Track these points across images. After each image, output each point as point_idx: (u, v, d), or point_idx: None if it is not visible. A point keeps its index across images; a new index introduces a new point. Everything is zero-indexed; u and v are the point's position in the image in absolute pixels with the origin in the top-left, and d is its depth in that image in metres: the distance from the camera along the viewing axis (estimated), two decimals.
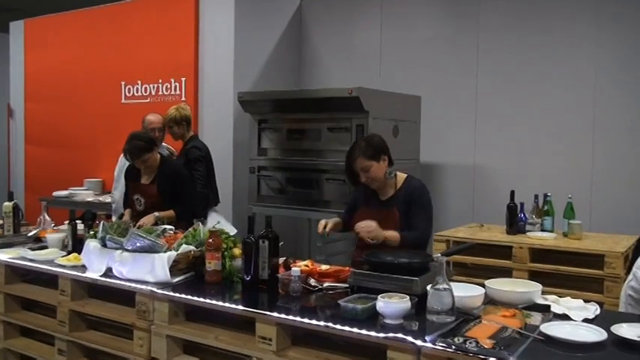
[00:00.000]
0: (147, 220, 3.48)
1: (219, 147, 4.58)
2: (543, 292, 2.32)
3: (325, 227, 2.89)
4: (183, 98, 5.30)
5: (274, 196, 4.75)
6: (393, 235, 2.77)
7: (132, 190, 3.81)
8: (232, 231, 2.61)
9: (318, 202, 4.48)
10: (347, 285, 2.47)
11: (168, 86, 5.41)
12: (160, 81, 5.47)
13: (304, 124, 4.60)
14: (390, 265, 2.46)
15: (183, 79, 5.34)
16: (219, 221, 3.26)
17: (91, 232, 2.95)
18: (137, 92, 5.63)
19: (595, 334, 1.91)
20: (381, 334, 1.95)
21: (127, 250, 2.68)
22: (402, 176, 3.01)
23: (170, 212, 3.61)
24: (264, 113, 4.76)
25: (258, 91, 4.92)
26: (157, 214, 3.54)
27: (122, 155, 4.50)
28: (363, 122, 4.21)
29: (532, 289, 2.28)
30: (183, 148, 4.32)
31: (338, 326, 2.04)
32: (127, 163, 4.41)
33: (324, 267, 2.68)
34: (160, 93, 5.47)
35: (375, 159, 2.87)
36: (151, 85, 5.52)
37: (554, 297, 2.31)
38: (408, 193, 2.90)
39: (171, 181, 3.70)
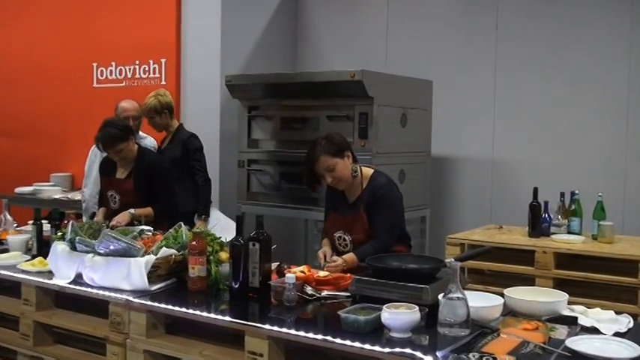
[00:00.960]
0: (121, 218, 3.48)
1: (204, 138, 4.56)
2: (570, 303, 2.32)
3: (325, 258, 2.93)
4: (163, 82, 5.29)
5: (266, 194, 4.75)
6: (349, 258, 2.86)
7: (106, 185, 3.81)
8: (231, 231, 2.63)
9: (316, 200, 4.48)
10: (348, 294, 2.48)
11: (147, 68, 5.40)
12: (137, 62, 5.45)
13: (301, 111, 4.60)
14: (396, 272, 2.46)
15: (163, 60, 5.32)
16: (219, 219, 3.26)
17: (59, 234, 2.94)
18: (111, 75, 5.61)
19: (628, 350, 1.91)
20: (387, 349, 1.95)
21: (100, 254, 2.68)
22: (367, 172, 3.05)
23: (148, 210, 3.61)
24: (255, 99, 4.75)
25: (249, 74, 4.91)
26: (132, 211, 3.54)
27: (94, 146, 4.51)
28: (367, 110, 4.21)
29: (557, 299, 2.29)
30: (173, 139, 4.33)
31: (338, 340, 2.04)
32: (101, 155, 4.40)
33: (322, 273, 2.68)
34: (137, 76, 5.46)
35: (338, 156, 2.93)
36: (127, 68, 5.51)
37: (581, 308, 2.31)
38: (372, 194, 2.96)
39: (148, 176, 3.69)
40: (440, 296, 2.10)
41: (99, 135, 3.60)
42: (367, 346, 1.98)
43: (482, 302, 2.20)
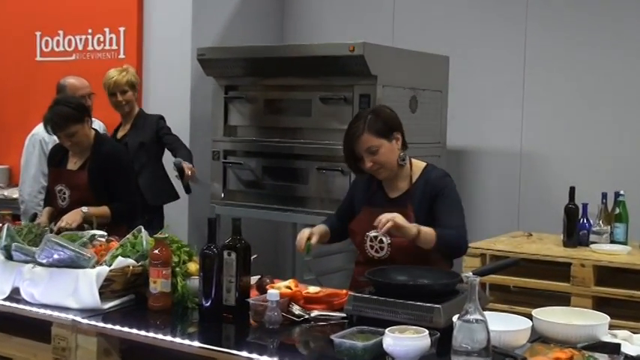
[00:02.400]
0: (71, 218, 3.47)
1: (171, 124, 4.56)
2: (612, 326, 2.32)
3: (309, 240, 2.90)
4: (121, 55, 5.27)
5: (246, 192, 4.74)
6: (427, 230, 2.74)
7: (54, 178, 3.81)
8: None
9: (307, 200, 4.48)
10: (344, 314, 2.47)
11: (101, 39, 5.38)
12: (90, 31, 5.43)
13: (288, 92, 4.59)
14: (402, 288, 2.46)
15: (121, 29, 5.30)
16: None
17: None
18: (58, 46, 5.58)
19: None
20: None
21: (41, 265, 2.67)
22: (419, 165, 3.02)
23: (104, 209, 3.61)
24: (234, 78, 4.74)
25: (226, 47, 4.90)
26: (84, 209, 3.53)
27: (31, 134, 4.50)
28: (370, 91, 4.20)
29: (596, 322, 2.28)
30: (135, 124, 4.41)
31: None
32: (41, 144, 4.39)
33: (312, 289, 2.67)
34: (90, 48, 5.44)
35: (385, 136, 2.88)
36: (77, 37, 5.49)
37: (626, 333, 2.31)
38: (430, 187, 2.91)
39: (105, 167, 3.70)
40: (455, 318, 2.09)
41: (48, 114, 3.61)
42: None
43: (506, 325, 2.20)
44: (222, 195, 4.79)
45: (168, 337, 2.33)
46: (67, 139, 3.64)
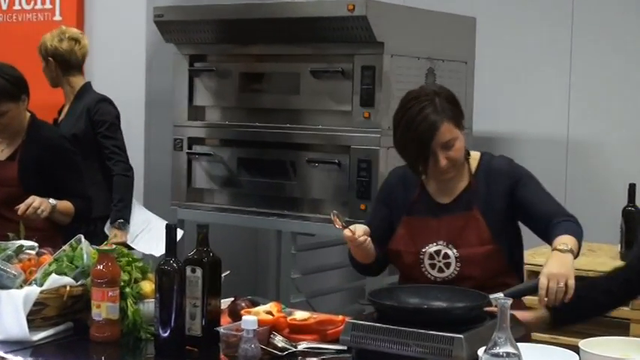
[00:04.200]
0: (44, 204, 3.51)
1: (120, 105, 4.54)
2: None
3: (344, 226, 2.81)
4: (57, 17, 5.27)
5: (217, 191, 4.75)
6: (572, 241, 2.75)
7: None
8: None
9: (295, 201, 4.48)
10: (340, 347, 2.47)
11: None
12: None
13: (271, 64, 4.59)
14: (413, 313, 2.47)
15: None
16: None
17: None
18: None
19: None
20: None
21: None
22: (475, 157, 3.01)
23: (67, 204, 3.69)
24: (201, 45, 4.75)
25: (190, 6, 4.89)
26: (52, 201, 3.59)
27: None
28: (374, 62, 4.21)
29: None
30: (74, 106, 4.39)
31: None
32: None
33: (299, 315, 2.68)
34: (17, 7, 5.43)
35: (461, 127, 2.88)
36: None
37: None
38: (500, 180, 2.91)
39: (44, 158, 3.72)
40: (480, 351, 2.10)
41: None
42: None
43: None
44: (187, 195, 4.79)
45: None
46: None
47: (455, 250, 2.85)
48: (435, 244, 2.87)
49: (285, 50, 4.50)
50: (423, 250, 2.89)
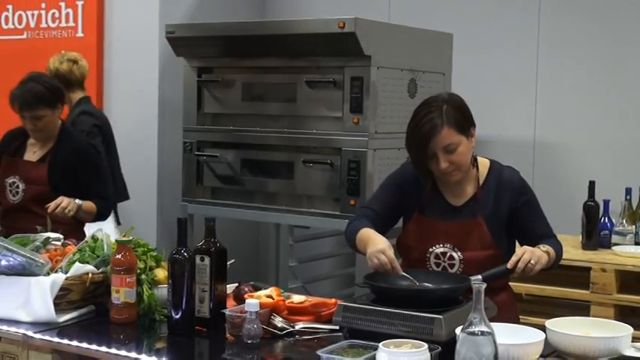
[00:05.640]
0: (71, 205, 3.52)
1: (136, 111, 4.55)
2: (636, 339, 2.33)
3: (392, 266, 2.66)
4: (79, 34, 5.25)
5: (222, 189, 4.74)
6: (551, 251, 2.76)
7: (6, 168, 3.80)
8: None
9: (292, 197, 4.47)
10: (333, 326, 2.47)
11: (56, 14, 5.36)
12: (44, 6, 5.42)
13: (270, 75, 4.58)
14: (397, 294, 2.47)
15: (79, 3, 5.29)
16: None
17: None
18: (7, 23, 5.57)
19: None
20: None
21: None
22: (484, 163, 2.94)
23: (91, 205, 3.69)
24: (208, 58, 4.73)
25: (199, 24, 4.89)
26: (79, 202, 3.59)
27: None
28: (362, 73, 4.20)
29: (618, 334, 2.28)
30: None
31: None
32: None
33: (297, 299, 2.68)
34: (44, 25, 5.42)
35: (464, 133, 2.80)
36: (29, 13, 5.47)
37: None
38: (509, 193, 2.85)
39: (72, 162, 3.71)
40: (457, 330, 2.09)
41: (18, 90, 3.63)
42: None
43: (516, 338, 2.20)
44: (196, 192, 4.78)
45: (133, 354, 2.32)
46: (32, 123, 3.66)
47: (460, 253, 2.80)
48: (442, 245, 2.82)
49: (283, 63, 4.49)
50: (431, 249, 2.84)
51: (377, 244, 2.64)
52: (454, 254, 2.81)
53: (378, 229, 2.80)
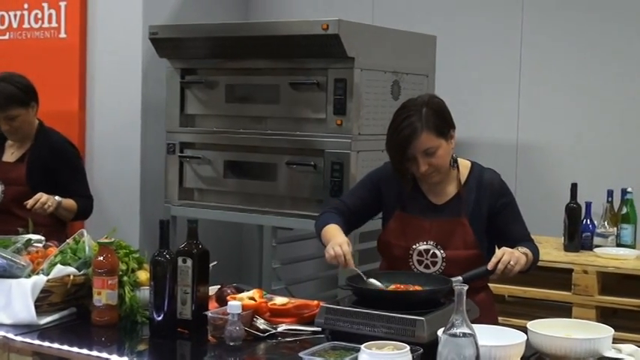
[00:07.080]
0: (50, 200, 3.50)
1: (119, 113, 4.53)
2: (617, 340, 2.34)
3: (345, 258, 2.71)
4: (62, 34, 5.22)
5: (205, 190, 4.73)
6: (528, 253, 2.78)
7: None
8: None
9: (275, 199, 4.47)
10: (315, 328, 2.48)
11: (39, 15, 5.31)
12: (26, 7, 5.37)
13: (254, 77, 4.58)
14: (379, 296, 2.47)
15: (62, 3, 5.24)
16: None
17: None
18: None
19: None
20: None
21: None
22: (465, 164, 2.97)
23: (71, 203, 3.69)
24: (191, 60, 4.73)
25: (182, 25, 4.87)
26: (58, 198, 3.59)
27: None
28: (346, 75, 4.20)
29: (599, 336, 2.30)
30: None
31: None
32: None
33: (279, 300, 2.68)
34: (26, 25, 5.38)
35: (444, 136, 2.82)
36: (11, 14, 5.42)
37: (631, 347, 2.33)
38: (489, 193, 2.88)
39: (50, 162, 3.71)
40: (439, 331, 2.10)
41: None
42: None
43: (498, 340, 2.21)
44: (179, 194, 4.77)
45: (115, 357, 2.32)
46: (6, 123, 3.67)
47: (442, 251, 2.82)
48: (425, 243, 2.84)
49: (267, 64, 4.49)
50: (413, 246, 2.86)
51: (337, 239, 2.72)
52: (437, 252, 2.83)
53: (348, 223, 2.88)
